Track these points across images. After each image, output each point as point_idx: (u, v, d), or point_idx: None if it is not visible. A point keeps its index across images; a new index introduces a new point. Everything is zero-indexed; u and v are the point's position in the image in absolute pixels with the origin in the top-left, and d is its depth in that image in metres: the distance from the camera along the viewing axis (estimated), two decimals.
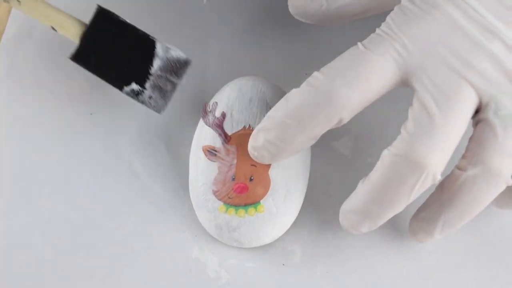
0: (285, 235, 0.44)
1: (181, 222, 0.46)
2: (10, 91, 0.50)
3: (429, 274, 0.44)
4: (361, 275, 0.44)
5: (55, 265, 0.44)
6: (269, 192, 0.43)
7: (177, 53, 0.45)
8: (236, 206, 0.43)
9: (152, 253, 0.45)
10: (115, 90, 0.45)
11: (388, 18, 0.40)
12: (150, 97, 0.45)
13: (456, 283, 0.43)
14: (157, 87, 0.44)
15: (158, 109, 0.45)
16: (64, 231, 0.45)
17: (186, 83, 0.50)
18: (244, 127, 0.44)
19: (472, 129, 0.40)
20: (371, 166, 0.47)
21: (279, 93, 0.45)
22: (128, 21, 0.45)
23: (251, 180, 0.43)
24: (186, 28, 0.52)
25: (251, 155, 0.42)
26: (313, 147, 0.46)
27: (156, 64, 0.44)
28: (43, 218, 0.46)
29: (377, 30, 0.40)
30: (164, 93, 0.45)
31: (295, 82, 0.48)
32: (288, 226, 0.44)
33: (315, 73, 0.40)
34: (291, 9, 0.44)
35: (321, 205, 0.46)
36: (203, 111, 0.45)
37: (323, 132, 0.40)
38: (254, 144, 0.41)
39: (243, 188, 0.43)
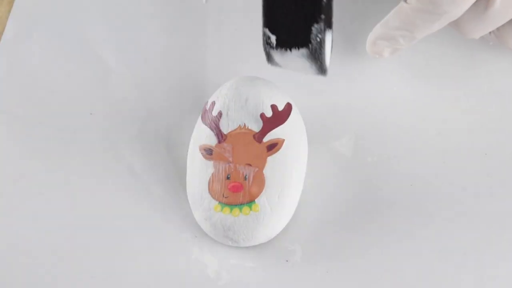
0: (286, 234, 0.44)
1: (181, 222, 0.46)
2: (10, 91, 0.50)
3: (429, 274, 0.44)
4: (361, 275, 0.44)
5: (55, 265, 0.44)
6: (263, 191, 0.43)
7: None
8: (231, 205, 0.43)
9: (152, 253, 0.45)
10: (115, 90, 0.45)
11: None
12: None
13: (456, 283, 0.44)
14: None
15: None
16: (64, 231, 0.45)
17: (186, 83, 0.50)
18: (240, 126, 0.44)
19: None
20: (371, 166, 0.47)
21: (277, 93, 0.45)
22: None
23: (246, 179, 0.43)
24: (186, 28, 0.52)
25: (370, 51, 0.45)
26: (313, 147, 0.46)
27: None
28: (43, 218, 0.46)
29: None
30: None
31: (294, 82, 0.48)
32: (283, 225, 0.44)
33: None
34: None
35: (322, 204, 0.46)
36: (203, 109, 0.46)
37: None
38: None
39: (238, 187, 0.43)
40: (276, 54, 0.41)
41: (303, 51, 0.39)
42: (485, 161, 0.47)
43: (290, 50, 0.40)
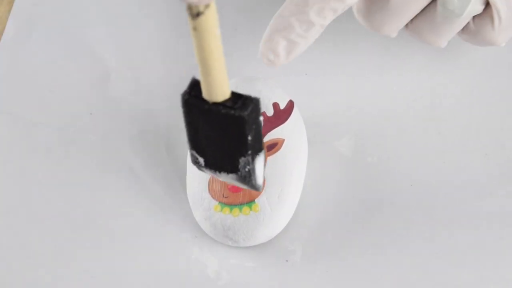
0: (286, 234, 0.44)
1: (181, 222, 0.46)
2: (10, 91, 0.50)
3: (429, 274, 0.44)
4: (361, 275, 0.44)
5: (55, 265, 0.44)
6: (263, 191, 0.43)
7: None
8: (231, 205, 0.43)
9: (152, 253, 0.45)
10: (115, 90, 0.45)
11: None
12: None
13: (456, 283, 0.43)
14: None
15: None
16: (64, 231, 0.45)
17: (186, 83, 0.50)
18: None
19: None
20: (371, 166, 0.47)
21: (277, 93, 0.45)
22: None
23: None
24: (186, 28, 0.52)
25: (265, 61, 0.40)
26: (313, 147, 0.46)
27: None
28: (43, 218, 0.46)
29: None
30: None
31: (294, 82, 0.48)
32: (283, 225, 0.44)
33: None
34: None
35: (321, 204, 0.46)
36: None
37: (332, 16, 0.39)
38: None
39: (238, 187, 0.43)
40: (206, 171, 0.38)
41: (232, 175, 0.37)
42: (485, 161, 0.47)
43: (219, 172, 0.37)
